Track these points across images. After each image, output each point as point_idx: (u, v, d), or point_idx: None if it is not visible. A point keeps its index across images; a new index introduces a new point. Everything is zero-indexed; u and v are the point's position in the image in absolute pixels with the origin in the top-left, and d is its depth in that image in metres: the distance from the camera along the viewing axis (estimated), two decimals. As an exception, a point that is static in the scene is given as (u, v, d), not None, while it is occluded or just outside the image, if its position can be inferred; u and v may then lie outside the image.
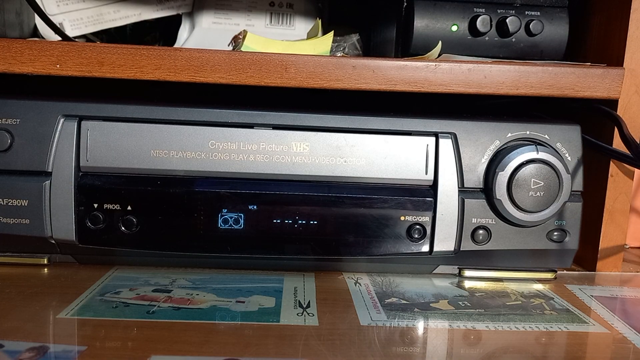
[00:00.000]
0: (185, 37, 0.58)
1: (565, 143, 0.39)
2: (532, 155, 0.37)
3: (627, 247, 0.51)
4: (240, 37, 0.44)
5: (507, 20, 0.45)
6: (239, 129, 0.37)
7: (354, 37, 0.52)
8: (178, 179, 0.36)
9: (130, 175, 0.36)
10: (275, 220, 0.37)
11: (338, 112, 0.38)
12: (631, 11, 0.42)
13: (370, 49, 0.57)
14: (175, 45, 0.57)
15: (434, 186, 0.38)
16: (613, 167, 0.43)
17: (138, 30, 0.61)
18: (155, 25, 0.60)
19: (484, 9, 0.45)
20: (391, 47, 0.49)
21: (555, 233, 0.39)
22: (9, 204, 0.35)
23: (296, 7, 0.60)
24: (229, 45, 0.49)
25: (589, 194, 0.41)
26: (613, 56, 0.44)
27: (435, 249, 0.38)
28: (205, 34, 0.58)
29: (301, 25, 0.60)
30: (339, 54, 0.53)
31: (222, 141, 0.37)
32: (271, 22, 0.59)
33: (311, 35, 0.51)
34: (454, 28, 0.45)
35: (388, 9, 0.50)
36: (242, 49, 0.43)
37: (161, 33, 0.61)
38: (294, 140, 0.37)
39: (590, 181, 0.42)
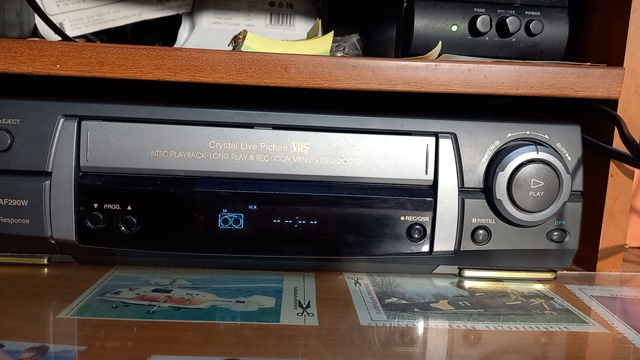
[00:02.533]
0: (186, 37, 0.58)
1: (565, 143, 0.39)
2: (532, 155, 0.37)
3: (627, 247, 0.51)
4: (240, 37, 0.44)
5: (507, 20, 0.45)
6: (239, 129, 0.37)
7: (354, 37, 0.52)
8: (178, 179, 0.36)
9: (130, 175, 0.36)
10: (275, 220, 0.37)
11: (338, 112, 0.38)
12: (631, 11, 0.42)
13: (370, 49, 0.57)
14: (176, 45, 0.57)
15: (434, 186, 0.38)
16: (613, 167, 0.43)
17: (138, 30, 0.61)
18: (155, 25, 0.60)
19: (484, 9, 0.45)
20: (391, 47, 0.49)
21: (555, 233, 0.39)
22: (9, 204, 0.35)
23: (296, 7, 0.60)
24: (229, 45, 0.49)
25: (589, 194, 0.41)
26: (613, 56, 0.44)
27: (435, 249, 0.38)
28: (206, 34, 0.58)
29: (301, 25, 0.59)
30: (339, 54, 0.53)
31: (222, 141, 0.37)
32: (271, 22, 0.59)
33: (311, 35, 0.51)
34: (454, 28, 0.45)
35: (388, 9, 0.50)
36: (242, 49, 0.43)
37: (161, 33, 0.61)
38: (294, 140, 0.37)
39: (590, 181, 0.42)
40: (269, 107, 0.38)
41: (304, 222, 0.37)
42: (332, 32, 0.47)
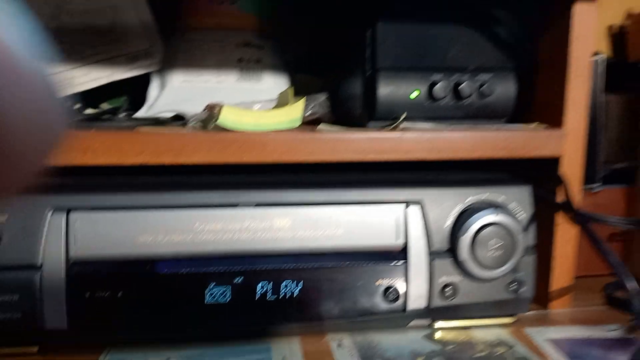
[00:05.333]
0: (156, 95, 0.59)
1: (519, 202, 0.44)
2: (491, 218, 0.41)
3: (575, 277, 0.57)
4: (215, 110, 0.46)
5: (462, 85, 0.49)
6: (223, 209, 0.39)
7: (322, 97, 0.55)
8: (166, 261, 0.38)
9: (119, 261, 0.37)
10: (260, 293, 0.39)
11: (316, 187, 0.41)
12: (571, 78, 0.47)
13: (337, 103, 0.60)
14: (146, 104, 0.58)
15: (405, 250, 0.41)
16: (560, 216, 0.48)
17: (107, 88, 0.61)
18: (124, 82, 0.61)
19: (441, 74, 0.49)
20: (358, 103, 0.53)
21: (513, 284, 0.43)
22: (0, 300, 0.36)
23: (264, 62, 0.62)
24: (203, 112, 0.51)
25: (540, 238, 0.45)
26: (556, 115, 0.49)
27: (409, 307, 0.41)
28: (176, 92, 0.59)
29: (269, 79, 0.62)
30: (307, 113, 0.56)
31: (207, 222, 0.39)
32: (240, 77, 0.61)
33: (282, 100, 0.53)
34: (415, 94, 0.49)
35: (353, 74, 0.53)
36: (218, 122, 0.45)
37: (132, 92, 0.62)
38: (275, 217, 0.40)
39: (541, 228, 0.47)
40: (250, 184, 0.40)
41: (288, 292, 0.39)
42: (304, 98, 0.50)
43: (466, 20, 0.50)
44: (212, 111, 0.48)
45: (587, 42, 0.47)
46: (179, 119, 0.56)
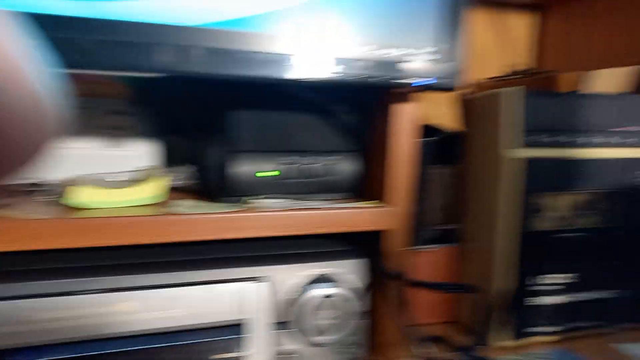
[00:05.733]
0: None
1: (356, 274, 0.51)
2: (330, 291, 0.48)
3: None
4: (69, 188, 0.47)
5: (312, 166, 0.56)
6: (68, 297, 0.40)
7: (189, 169, 0.59)
8: (7, 352, 0.38)
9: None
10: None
11: (165, 269, 0.44)
12: (392, 162, 0.57)
13: (201, 174, 0.64)
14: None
15: (250, 324, 0.46)
16: (384, 280, 0.56)
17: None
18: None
19: (295, 156, 0.56)
20: (218, 178, 0.57)
21: (349, 347, 0.50)
22: None
23: (134, 129, 0.64)
24: (58, 185, 0.51)
25: (372, 302, 0.53)
26: (386, 192, 0.58)
27: (257, 377, 0.46)
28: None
29: (139, 146, 0.64)
30: (173, 183, 0.59)
31: (50, 311, 0.39)
32: (109, 144, 0.62)
33: (148, 174, 0.56)
34: (271, 174, 0.55)
35: (215, 149, 0.58)
36: (71, 202, 0.46)
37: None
38: (123, 301, 0.42)
39: (373, 291, 0.55)
40: (98, 270, 0.42)
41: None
42: (171, 176, 0.53)
43: (312, 112, 0.58)
44: (66, 188, 0.49)
45: (406, 133, 0.57)
46: (35, 186, 0.56)
